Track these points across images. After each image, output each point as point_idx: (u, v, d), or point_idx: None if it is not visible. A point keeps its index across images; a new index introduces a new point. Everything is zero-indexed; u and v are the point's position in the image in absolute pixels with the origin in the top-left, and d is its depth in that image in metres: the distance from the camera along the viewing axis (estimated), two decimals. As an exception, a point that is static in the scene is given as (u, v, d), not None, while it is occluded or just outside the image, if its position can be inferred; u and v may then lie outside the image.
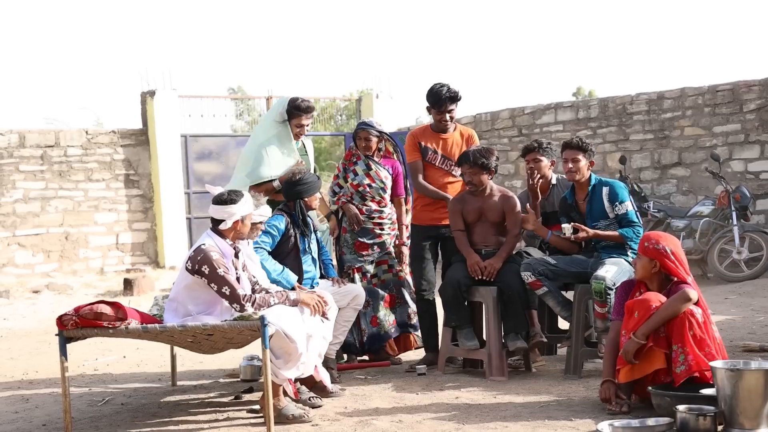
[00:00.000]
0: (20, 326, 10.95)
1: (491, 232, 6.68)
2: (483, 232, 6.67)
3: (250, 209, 5.46)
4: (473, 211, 6.65)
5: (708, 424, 4.64)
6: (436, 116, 6.93)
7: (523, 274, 6.31)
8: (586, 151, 6.38)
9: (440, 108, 6.86)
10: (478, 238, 6.68)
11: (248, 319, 5.08)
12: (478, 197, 6.64)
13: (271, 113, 6.91)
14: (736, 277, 11.32)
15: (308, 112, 6.81)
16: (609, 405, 5.18)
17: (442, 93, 6.83)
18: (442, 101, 6.83)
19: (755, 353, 6.70)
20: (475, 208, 6.64)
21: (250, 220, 5.52)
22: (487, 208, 6.64)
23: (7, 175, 14.14)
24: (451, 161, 6.90)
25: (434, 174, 6.93)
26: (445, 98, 6.83)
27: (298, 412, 5.30)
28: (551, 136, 14.11)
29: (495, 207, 6.64)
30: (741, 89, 12.54)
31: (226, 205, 5.35)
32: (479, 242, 6.67)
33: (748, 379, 4.63)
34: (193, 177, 15.81)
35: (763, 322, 8.25)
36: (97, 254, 14.83)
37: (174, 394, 6.41)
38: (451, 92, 6.84)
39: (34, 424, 5.61)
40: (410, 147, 6.98)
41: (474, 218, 6.66)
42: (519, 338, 6.41)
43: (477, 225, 6.68)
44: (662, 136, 13.26)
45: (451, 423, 5.11)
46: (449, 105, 6.85)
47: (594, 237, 6.31)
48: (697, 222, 11.81)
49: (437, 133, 6.98)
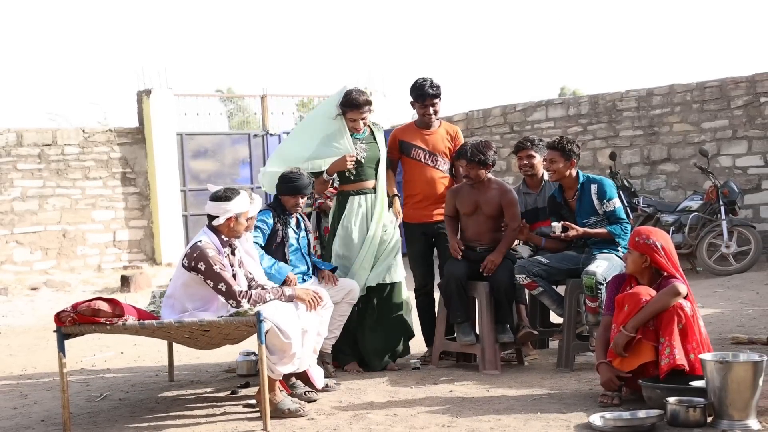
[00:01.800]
0: (19, 323, 10.94)
1: (486, 227, 6.57)
2: (477, 225, 6.57)
3: (245, 207, 5.44)
4: (469, 203, 6.56)
5: (698, 415, 4.66)
6: (420, 110, 6.92)
7: (518, 277, 6.32)
8: (564, 152, 6.36)
9: (423, 101, 6.86)
10: (471, 232, 6.61)
11: (244, 314, 5.08)
12: (475, 189, 6.55)
13: (327, 105, 6.84)
14: (724, 270, 11.34)
15: (360, 108, 6.65)
16: (602, 397, 5.20)
17: (425, 87, 6.84)
18: (425, 95, 6.84)
19: (744, 345, 6.72)
20: (471, 200, 6.56)
21: (246, 218, 5.50)
22: (484, 200, 6.53)
23: (5, 173, 14.09)
24: (437, 157, 6.89)
25: (419, 170, 6.90)
26: (427, 92, 6.83)
27: (293, 406, 5.30)
28: (542, 132, 14.11)
29: (492, 200, 6.53)
30: (728, 86, 12.56)
31: (221, 202, 5.34)
32: (473, 238, 6.60)
33: (737, 371, 4.64)
34: (189, 174, 15.79)
35: (752, 315, 8.26)
36: (95, 251, 14.80)
37: (171, 389, 6.41)
38: (434, 86, 6.85)
39: (32, 419, 5.60)
40: (390, 145, 6.99)
41: (469, 210, 6.57)
42: (507, 331, 6.43)
43: (472, 217, 6.59)
44: (651, 133, 13.27)
45: (445, 416, 5.11)
46: (432, 99, 6.85)
47: (583, 235, 6.31)
48: (686, 217, 11.83)
49: (421, 129, 6.96)
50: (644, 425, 4.64)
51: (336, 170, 6.66)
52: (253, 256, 5.88)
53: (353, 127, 6.68)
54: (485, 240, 6.58)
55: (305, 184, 6.29)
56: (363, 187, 6.76)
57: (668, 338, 5.03)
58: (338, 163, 6.63)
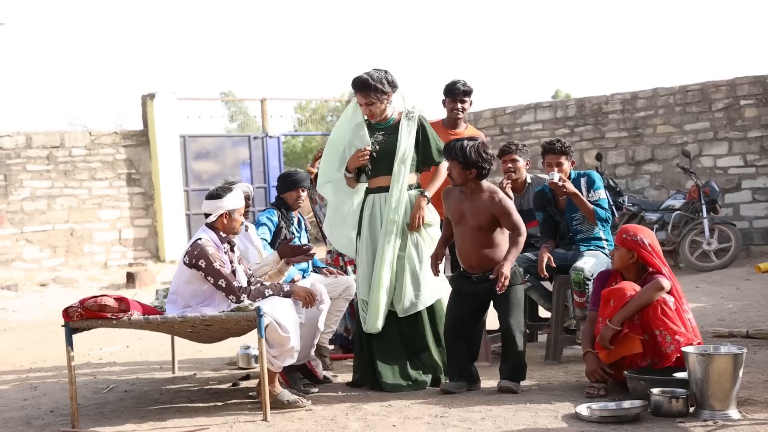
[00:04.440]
0: (28, 318, 10.93)
1: (472, 243, 5.46)
2: (463, 238, 5.51)
3: (238, 204, 5.42)
4: (454, 210, 5.57)
5: (680, 405, 4.67)
6: (449, 105, 6.91)
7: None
8: (567, 154, 6.42)
9: (454, 96, 6.87)
10: (459, 246, 5.58)
11: (245, 310, 5.08)
12: (462, 194, 5.54)
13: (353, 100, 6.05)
14: (706, 266, 11.38)
15: (360, 90, 5.75)
16: (588, 388, 5.20)
17: (457, 84, 6.90)
18: (456, 91, 6.87)
19: (724, 338, 6.74)
20: (457, 207, 5.54)
21: (240, 215, 5.47)
22: (470, 209, 5.48)
23: (15, 174, 14.08)
24: None
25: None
26: (458, 88, 6.87)
27: (292, 397, 5.30)
28: (531, 135, 14.14)
29: (480, 209, 5.45)
30: (710, 89, 12.59)
31: (213, 200, 5.34)
32: (461, 255, 5.58)
33: (718, 363, 4.64)
34: (192, 175, 15.80)
35: (732, 309, 8.28)
36: (101, 249, 14.78)
37: (175, 381, 6.41)
38: (466, 85, 6.90)
39: (42, 410, 5.60)
40: None
41: (455, 217, 5.56)
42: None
43: (458, 227, 5.55)
44: (636, 134, 13.28)
45: (437, 407, 5.12)
46: (463, 96, 6.88)
47: (573, 196, 6.25)
48: (669, 215, 11.85)
49: (447, 129, 6.89)
50: (629, 415, 4.65)
51: (354, 166, 5.88)
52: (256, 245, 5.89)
53: (364, 113, 5.88)
54: (472, 260, 5.49)
55: (303, 178, 6.46)
56: (377, 184, 5.93)
57: (664, 328, 5.06)
58: (352, 158, 5.87)
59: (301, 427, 4.81)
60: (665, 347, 5.07)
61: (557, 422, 4.68)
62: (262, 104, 16.86)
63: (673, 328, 5.05)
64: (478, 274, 5.50)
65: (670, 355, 5.05)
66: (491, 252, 5.47)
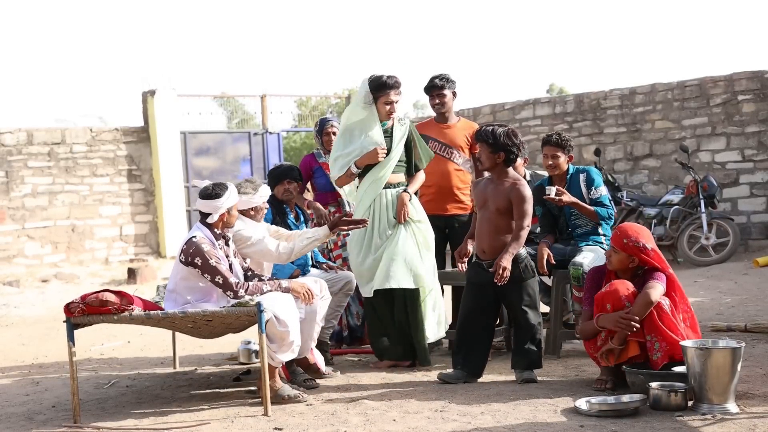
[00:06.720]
0: (30, 314, 10.92)
1: (488, 227, 5.54)
2: (482, 223, 5.60)
3: (235, 200, 5.43)
4: (479, 196, 5.68)
5: (679, 399, 4.67)
6: (430, 102, 6.99)
7: None
8: (564, 147, 6.37)
9: (431, 92, 6.94)
10: (477, 232, 5.65)
11: (246, 305, 5.07)
12: (489, 182, 5.66)
13: (357, 97, 6.27)
14: (704, 261, 11.38)
15: (396, 87, 6.13)
16: (595, 382, 5.20)
17: (433, 79, 6.93)
18: (431, 86, 6.93)
19: (722, 333, 6.74)
20: (482, 193, 5.65)
21: (237, 210, 5.48)
22: (492, 194, 5.56)
23: (17, 171, 14.08)
24: (452, 150, 6.86)
25: (434, 162, 6.67)
26: (434, 83, 6.90)
27: (293, 392, 5.29)
28: (530, 130, 14.14)
29: (500, 194, 5.51)
30: (708, 84, 12.57)
31: (211, 200, 5.31)
32: (477, 241, 5.64)
33: (716, 357, 4.64)
34: (192, 171, 15.80)
35: (730, 304, 8.28)
36: (102, 245, 14.78)
37: (176, 377, 6.40)
38: (441, 78, 6.91)
39: (44, 405, 5.60)
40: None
41: (479, 203, 5.68)
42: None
43: (480, 213, 5.66)
44: (634, 129, 13.28)
45: (438, 401, 5.11)
46: (437, 90, 6.89)
47: (573, 204, 6.24)
48: (668, 210, 11.86)
49: (439, 123, 6.97)
50: (628, 409, 4.65)
51: (366, 163, 6.13)
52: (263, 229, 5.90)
53: (389, 111, 6.14)
54: (485, 244, 5.56)
55: (286, 170, 6.56)
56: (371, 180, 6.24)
57: (655, 334, 5.03)
58: (369, 155, 6.09)
59: (302, 422, 4.81)
60: (652, 353, 5.05)
61: (556, 416, 4.68)
62: (262, 100, 16.85)
63: (664, 334, 5.01)
64: (489, 260, 5.53)
65: (656, 362, 5.02)
66: (504, 239, 5.51)
